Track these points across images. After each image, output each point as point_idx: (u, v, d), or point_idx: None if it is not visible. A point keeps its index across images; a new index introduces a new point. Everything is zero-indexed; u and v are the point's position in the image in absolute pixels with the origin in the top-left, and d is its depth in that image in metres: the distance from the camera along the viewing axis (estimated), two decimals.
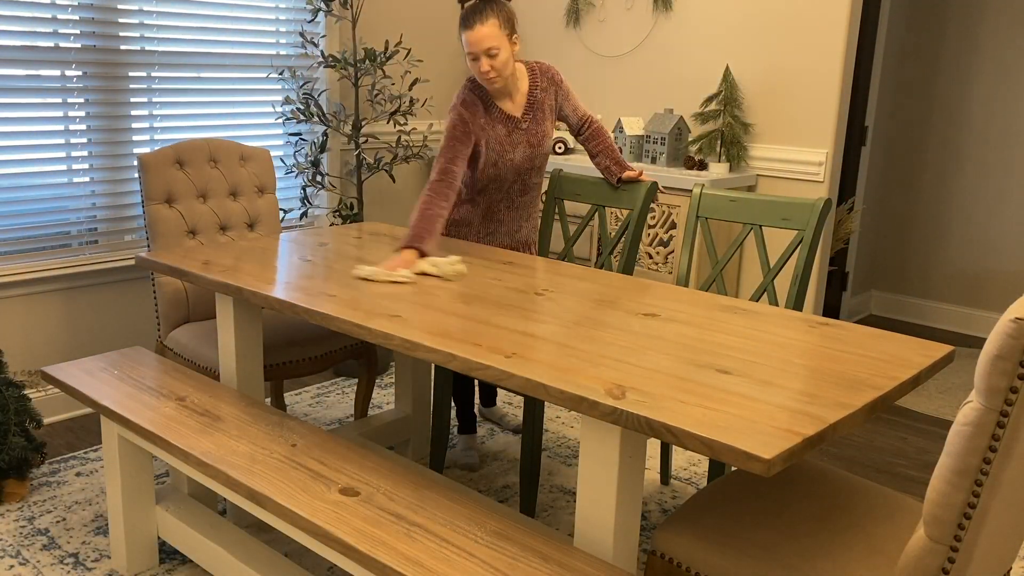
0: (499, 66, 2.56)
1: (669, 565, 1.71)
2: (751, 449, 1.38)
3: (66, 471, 2.97)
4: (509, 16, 2.58)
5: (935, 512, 1.36)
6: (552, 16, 4.48)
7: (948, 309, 4.99)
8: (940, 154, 4.93)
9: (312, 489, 1.82)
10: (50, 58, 3.19)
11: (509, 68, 2.61)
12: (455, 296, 2.21)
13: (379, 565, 1.58)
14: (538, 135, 2.75)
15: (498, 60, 2.55)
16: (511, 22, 2.59)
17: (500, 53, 2.55)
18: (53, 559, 2.45)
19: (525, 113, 2.72)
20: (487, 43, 2.53)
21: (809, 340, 1.95)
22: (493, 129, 2.70)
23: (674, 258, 3.68)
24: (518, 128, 2.72)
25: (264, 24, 3.81)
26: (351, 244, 2.79)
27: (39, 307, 3.30)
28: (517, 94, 2.72)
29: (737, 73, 3.84)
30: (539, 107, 2.73)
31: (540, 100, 2.73)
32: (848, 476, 1.94)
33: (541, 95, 2.73)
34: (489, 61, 2.55)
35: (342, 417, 3.50)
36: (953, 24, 4.78)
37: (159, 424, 2.12)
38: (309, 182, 3.87)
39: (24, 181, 3.21)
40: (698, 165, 3.81)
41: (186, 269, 2.42)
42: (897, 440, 3.49)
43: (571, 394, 1.60)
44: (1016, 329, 1.23)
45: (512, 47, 2.61)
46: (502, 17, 2.55)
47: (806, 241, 2.48)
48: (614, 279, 2.45)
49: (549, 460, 3.16)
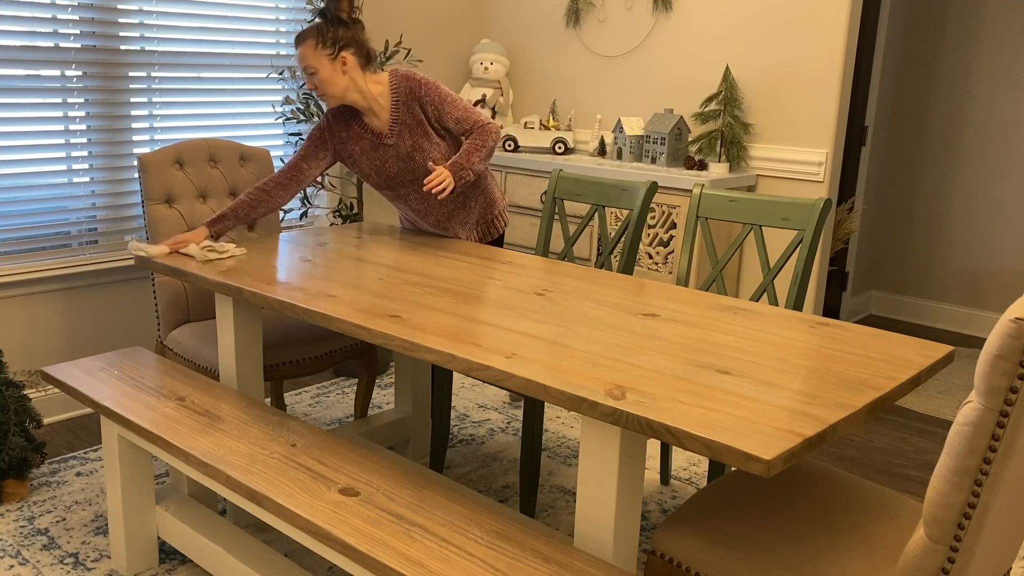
0: (320, 84, 2.68)
1: (669, 565, 1.71)
2: (751, 450, 1.38)
3: (66, 471, 2.97)
4: (336, 38, 2.66)
5: (935, 512, 1.36)
6: (552, 16, 4.48)
7: (948, 309, 4.99)
8: (940, 154, 4.93)
9: (312, 489, 1.82)
10: (50, 58, 3.19)
11: (334, 88, 2.68)
12: (455, 296, 2.21)
13: (379, 565, 1.58)
14: (406, 149, 2.77)
15: (318, 79, 2.67)
16: (337, 43, 2.66)
17: (318, 73, 2.66)
18: (53, 559, 2.45)
19: (391, 128, 2.77)
20: (303, 62, 2.68)
21: (809, 340, 1.95)
22: (359, 143, 2.81)
23: (674, 258, 3.68)
24: (383, 144, 2.78)
25: (264, 24, 3.81)
26: (351, 244, 2.79)
27: (39, 307, 3.30)
28: (381, 110, 2.77)
29: (737, 73, 3.84)
30: (403, 123, 2.76)
31: (403, 115, 2.76)
32: (848, 476, 1.94)
33: (404, 111, 2.76)
34: (310, 79, 2.69)
35: (342, 417, 3.50)
36: (953, 24, 4.78)
37: (159, 424, 2.12)
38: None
39: (24, 181, 3.21)
40: (698, 165, 3.81)
41: (186, 269, 2.42)
42: (897, 440, 3.49)
43: (571, 394, 1.60)
44: (1016, 329, 1.23)
45: (337, 67, 2.67)
46: (323, 39, 2.65)
47: (806, 241, 2.48)
48: (614, 279, 2.45)
49: (549, 460, 3.16)
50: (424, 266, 2.52)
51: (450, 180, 2.62)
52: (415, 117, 2.75)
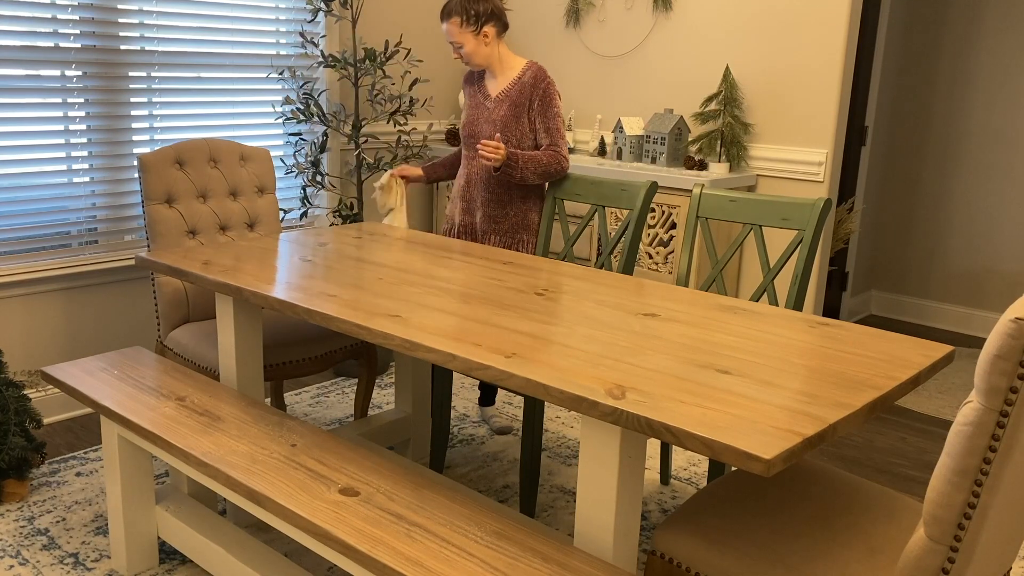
0: (465, 56, 2.99)
1: (669, 565, 1.71)
2: (751, 449, 1.38)
3: (66, 471, 2.97)
4: (478, 13, 2.94)
5: (935, 512, 1.36)
6: (552, 16, 4.48)
7: (948, 309, 4.99)
8: (940, 154, 4.93)
9: (312, 489, 1.82)
10: (50, 58, 3.19)
11: (479, 57, 3.00)
12: (455, 296, 2.21)
13: (379, 565, 1.58)
14: (500, 116, 3.01)
15: (464, 51, 2.98)
16: (479, 19, 2.94)
17: (464, 46, 2.97)
18: (53, 559, 2.45)
19: (499, 95, 3.03)
20: (450, 38, 2.99)
21: (809, 340, 1.95)
22: (473, 97, 3.13)
23: (674, 258, 3.68)
24: (486, 104, 3.06)
25: (264, 24, 3.81)
26: (351, 244, 2.80)
27: (39, 307, 3.30)
28: (503, 78, 3.05)
29: (737, 73, 3.84)
30: (511, 98, 3.00)
31: (515, 92, 3.00)
32: (848, 476, 1.94)
33: (518, 89, 3.00)
34: (457, 52, 3.01)
35: (342, 417, 3.50)
36: (953, 24, 4.78)
37: (159, 424, 2.12)
38: (309, 182, 3.87)
39: (24, 181, 3.21)
40: (698, 165, 3.81)
41: (186, 269, 2.42)
42: (897, 440, 3.49)
43: (571, 394, 1.60)
44: (1016, 329, 1.23)
45: (480, 39, 2.97)
46: (467, 15, 2.94)
47: (806, 241, 2.48)
48: (614, 279, 2.45)
49: (549, 460, 3.16)
50: (424, 266, 2.52)
51: (501, 157, 2.85)
52: (523, 99, 2.99)
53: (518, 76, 3.00)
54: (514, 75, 3.02)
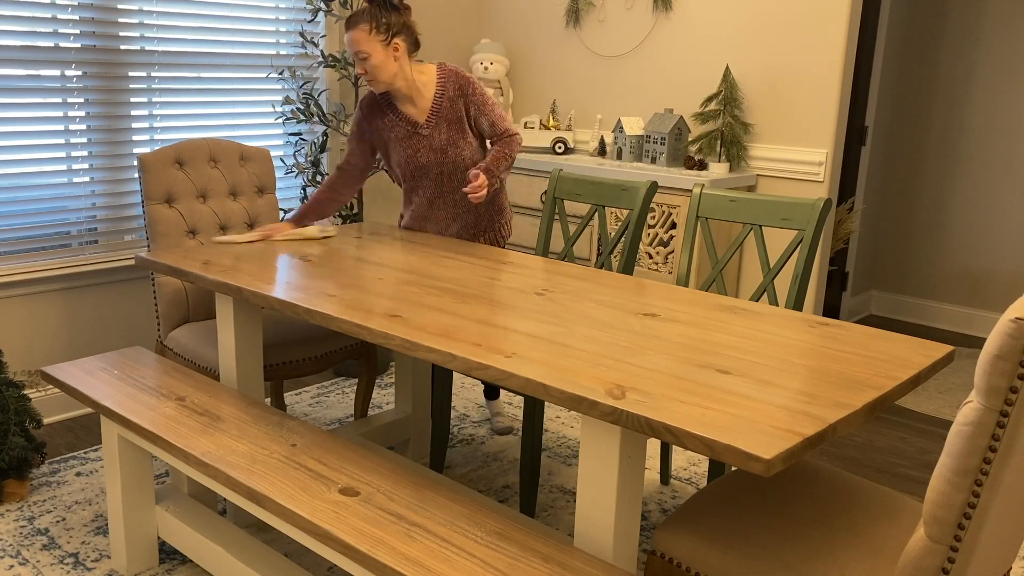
0: (371, 70, 2.68)
1: (669, 565, 1.71)
2: (751, 449, 1.38)
3: (66, 471, 2.97)
4: (389, 23, 2.67)
5: (935, 512, 1.36)
6: (552, 16, 4.48)
7: (948, 309, 4.99)
8: (940, 154, 4.93)
9: (312, 489, 1.82)
10: (50, 58, 3.19)
11: (384, 73, 2.70)
12: (455, 296, 2.21)
13: (379, 565, 1.58)
14: (440, 142, 2.79)
15: (369, 64, 2.67)
16: (389, 29, 2.67)
17: (370, 58, 2.66)
18: (53, 559, 2.45)
19: (428, 119, 2.79)
20: (355, 47, 2.67)
21: (809, 340, 1.95)
22: (393, 131, 2.83)
23: (674, 258, 3.68)
24: (418, 133, 2.80)
25: (264, 24, 3.81)
26: (351, 244, 2.79)
27: (39, 307, 3.30)
28: (421, 99, 2.79)
29: (737, 73, 3.84)
30: (443, 115, 2.79)
31: (444, 108, 2.78)
32: (848, 476, 1.94)
33: (447, 104, 2.78)
34: (361, 64, 2.68)
35: (342, 417, 3.50)
36: (953, 24, 4.78)
37: (159, 424, 2.12)
38: (309, 182, 3.87)
39: (24, 181, 3.21)
40: (698, 165, 3.81)
41: (186, 269, 2.42)
42: (897, 440, 3.49)
43: (571, 394, 1.60)
44: (1016, 329, 1.23)
45: (389, 51, 2.68)
46: (377, 24, 2.65)
47: (806, 241, 2.48)
48: (614, 279, 2.45)
49: (549, 460, 3.16)
50: (424, 266, 2.52)
51: (488, 183, 2.69)
52: (456, 113, 2.78)
53: (439, 92, 2.79)
54: (432, 92, 2.79)
